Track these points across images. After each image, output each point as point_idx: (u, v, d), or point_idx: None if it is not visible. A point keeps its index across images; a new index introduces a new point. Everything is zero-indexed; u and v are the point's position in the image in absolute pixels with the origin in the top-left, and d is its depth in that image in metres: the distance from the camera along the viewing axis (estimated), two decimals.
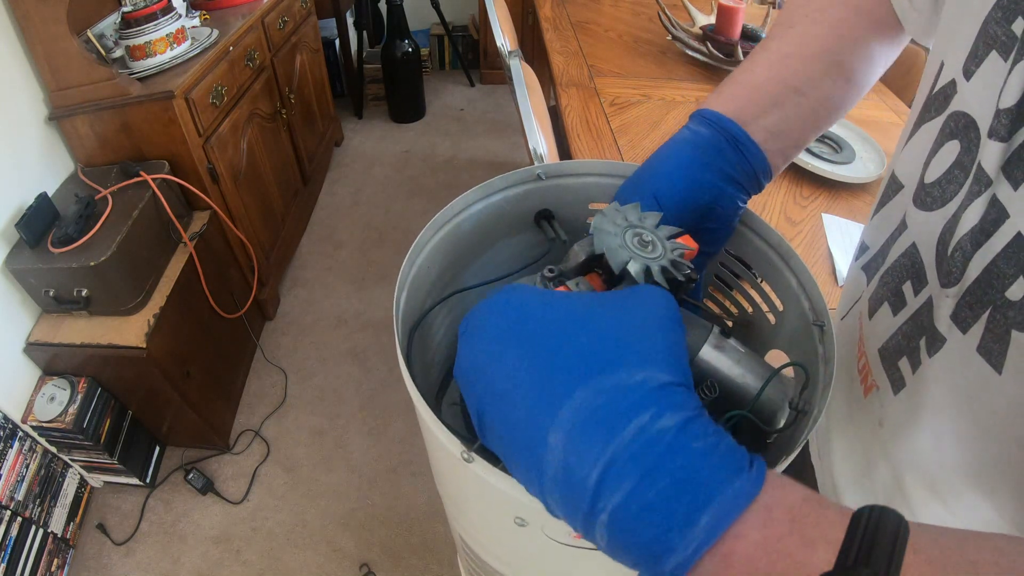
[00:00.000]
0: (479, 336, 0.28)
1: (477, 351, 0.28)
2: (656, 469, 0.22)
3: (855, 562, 0.19)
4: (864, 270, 0.46)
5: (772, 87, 0.45)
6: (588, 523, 0.23)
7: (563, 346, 0.25)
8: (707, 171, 0.42)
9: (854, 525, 0.21)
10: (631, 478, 0.22)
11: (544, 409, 0.24)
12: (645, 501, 0.22)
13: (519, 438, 0.25)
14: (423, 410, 0.34)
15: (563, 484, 0.23)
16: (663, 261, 0.35)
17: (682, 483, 0.22)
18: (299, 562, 1.44)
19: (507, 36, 1.41)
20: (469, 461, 0.31)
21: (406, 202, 2.56)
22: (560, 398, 0.24)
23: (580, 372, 0.24)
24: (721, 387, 0.38)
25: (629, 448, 0.22)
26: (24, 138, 1.31)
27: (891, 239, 0.41)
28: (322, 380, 1.84)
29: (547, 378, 0.24)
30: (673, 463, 0.22)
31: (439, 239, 0.48)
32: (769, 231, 0.46)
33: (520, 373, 0.25)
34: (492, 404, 0.26)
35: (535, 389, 0.25)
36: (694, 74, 1.52)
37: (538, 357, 0.25)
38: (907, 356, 0.37)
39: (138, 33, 1.39)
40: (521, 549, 0.41)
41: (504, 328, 0.27)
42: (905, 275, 0.38)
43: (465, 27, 3.41)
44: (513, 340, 0.27)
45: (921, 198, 0.37)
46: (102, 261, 1.20)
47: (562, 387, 0.24)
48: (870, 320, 0.42)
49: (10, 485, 1.27)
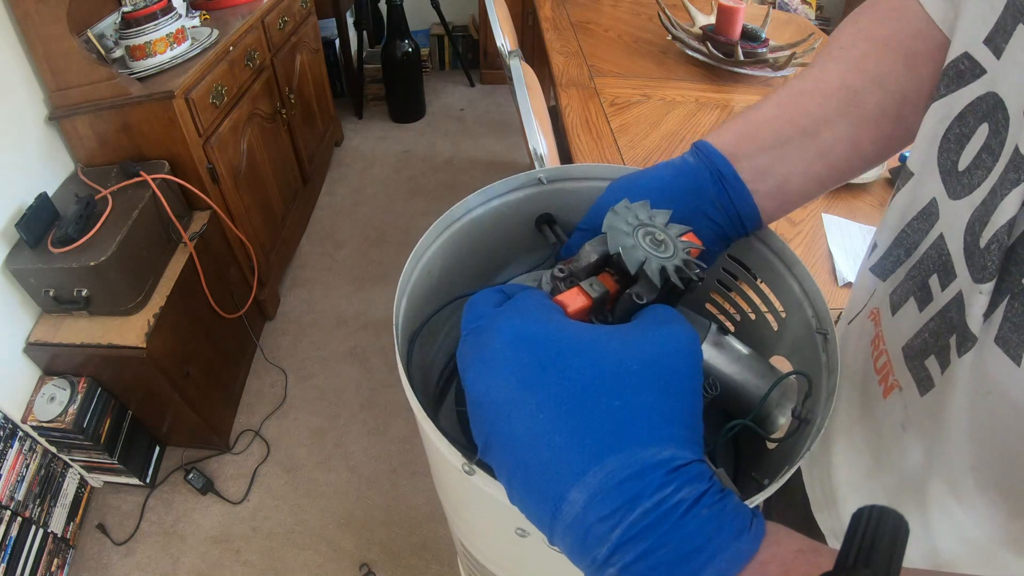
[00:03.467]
0: (498, 371, 0.28)
1: (494, 387, 0.28)
2: (669, 534, 0.24)
3: (855, 562, 0.19)
4: (873, 271, 0.43)
5: (777, 125, 0.42)
6: (596, 571, 0.25)
7: (595, 407, 0.26)
8: (682, 199, 0.40)
9: (854, 525, 0.21)
10: (647, 541, 0.24)
11: (571, 468, 0.25)
12: (656, 560, 0.24)
13: (536, 484, 0.26)
14: (424, 421, 0.34)
15: (579, 535, 0.25)
16: (677, 260, 0.35)
17: (691, 547, 0.24)
18: (299, 562, 1.44)
19: (507, 36, 1.41)
20: (470, 473, 0.31)
21: (406, 202, 2.56)
22: (589, 462, 0.25)
23: (612, 441, 0.25)
24: (721, 384, 0.38)
25: (649, 516, 0.24)
26: (24, 138, 1.31)
27: (915, 231, 0.38)
28: (322, 380, 1.84)
29: (577, 440, 0.25)
30: (684, 530, 0.24)
31: (439, 244, 0.48)
32: (772, 237, 0.45)
33: (547, 425, 0.26)
34: (507, 443, 0.27)
35: (562, 447, 0.25)
36: (694, 74, 1.51)
37: (568, 415, 0.26)
38: (935, 355, 0.35)
39: (138, 33, 1.39)
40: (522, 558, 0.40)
41: (527, 369, 0.27)
42: (932, 268, 0.36)
43: (465, 27, 3.40)
44: (539, 388, 0.27)
45: (952, 186, 0.34)
46: (102, 261, 1.20)
47: (593, 451, 0.25)
48: (893, 317, 0.40)
49: (10, 485, 1.27)
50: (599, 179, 0.51)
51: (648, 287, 0.34)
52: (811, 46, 1.52)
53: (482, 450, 0.28)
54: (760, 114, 0.43)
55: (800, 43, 1.53)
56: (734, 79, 1.49)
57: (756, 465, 0.46)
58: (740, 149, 0.41)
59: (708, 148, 0.41)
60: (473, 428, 0.29)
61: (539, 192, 0.51)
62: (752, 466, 0.47)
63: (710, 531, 0.24)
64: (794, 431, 0.37)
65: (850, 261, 0.99)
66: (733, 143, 0.42)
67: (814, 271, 0.98)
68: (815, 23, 2.26)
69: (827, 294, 0.93)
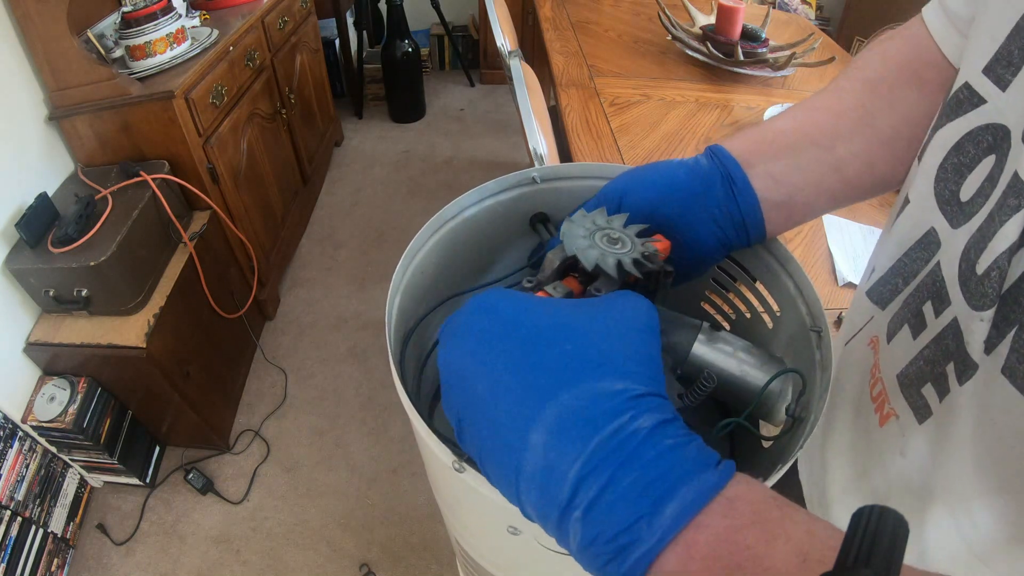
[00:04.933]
0: (461, 341, 0.29)
1: (459, 355, 0.28)
2: (629, 462, 0.23)
3: (855, 562, 0.19)
4: (870, 295, 0.43)
5: (792, 136, 0.42)
6: (563, 520, 0.24)
7: (548, 352, 0.26)
8: (691, 198, 0.41)
9: (854, 525, 0.20)
10: (607, 471, 0.23)
11: (527, 409, 0.25)
12: (618, 493, 0.23)
13: (499, 438, 0.26)
14: (415, 419, 0.34)
15: (542, 481, 0.24)
16: (634, 254, 0.36)
17: (652, 476, 0.23)
18: (299, 562, 1.45)
19: (507, 36, 1.41)
20: (460, 471, 0.31)
21: (406, 202, 2.56)
22: (544, 399, 0.25)
23: (565, 377, 0.25)
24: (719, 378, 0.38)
25: (607, 444, 0.23)
26: (24, 138, 1.31)
27: (914, 260, 0.38)
28: (322, 380, 1.84)
29: (531, 380, 0.26)
30: (645, 457, 0.23)
31: (433, 243, 0.48)
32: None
33: (504, 376, 0.26)
34: (473, 407, 0.27)
35: (519, 390, 0.25)
36: (694, 74, 1.51)
37: (523, 361, 0.26)
38: (932, 383, 0.35)
39: (138, 33, 1.39)
40: (516, 556, 0.40)
41: (487, 332, 0.28)
42: (926, 295, 0.36)
43: (465, 27, 3.40)
44: (497, 345, 0.27)
45: (954, 215, 0.34)
46: (102, 261, 1.20)
47: (547, 389, 0.25)
48: (888, 344, 0.40)
49: (10, 485, 1.27)
50: (593, 178, 0.51)
51: (607, 282, 0.35)
52: (811, 46, 1.52)
53: (457, 432, 0.28)
54: (776, 124, 0.44)
55: (800, 43, 1.53)
56: (734, 79, 1.49)
57: (751, 464, 0.46)
58: (754, 156, 0.41)
59: (722, 152, 0.42)
60: (447, 411, 0.29)
61: (533, 191, 0.51)
62: (747, 466, 0.46)
63: (673, 460, 0.23)
64: (788, 429, 0.37)
65: (850, 261, 0.99)
66: (748, 150, 0.42)
67: (814, 271, 0.98)
68: (815, 23, 2.25)
69: (827, 294, 0.94)
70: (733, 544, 0.22)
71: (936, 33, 0.41)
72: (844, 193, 0.43)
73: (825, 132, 0.42)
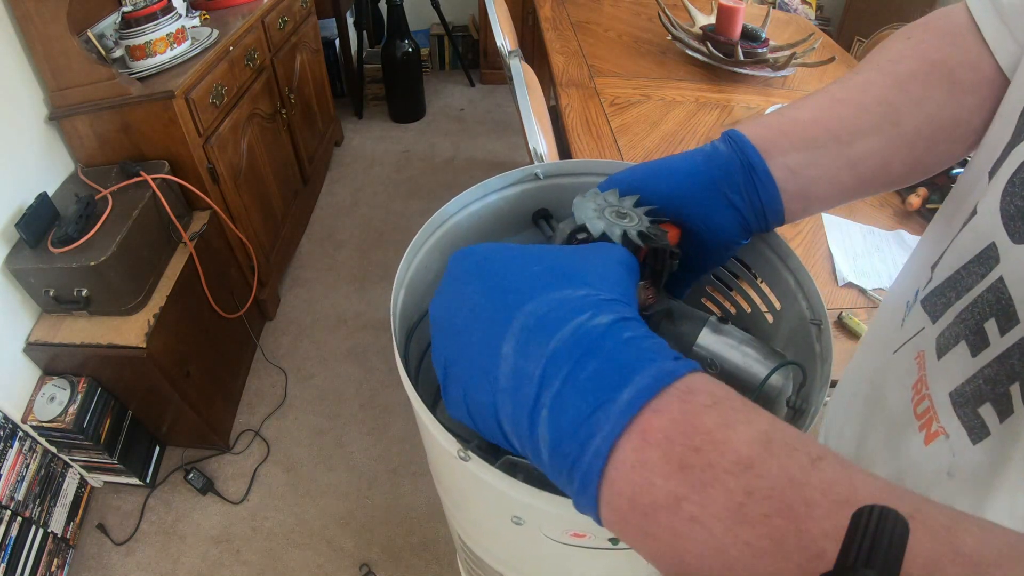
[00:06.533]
0: (443, 287, 0.30)
1: (440, 300, 0.30)
2: (587, 355, 0.23)
3: (855, 562, 0.19)
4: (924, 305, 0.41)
5: (812, 128, 0.41)
6: (533, 426, 0.24)
7: (518, 274, 0.28)
8: (710, 186, 0.40)
9: (854, 524, 0.20)
10: (567, 364, 0.23)
11: (497, 326, 0.26)
12: (577, 384, 0.23)
13: (476, 363, 0.26)
14: (420, 409, 0.34)
15: (513, 389, 0.24)
16: (640, 227, 0.37)
17: (609, 366, 0.23)
18: (299, 562, 1.44)
19: (507, 36, 1.42)
20: (466, 460, 0.32)
21: (406, 202, 2.56)
22: (512, 311, 0.26)
23: (532, 291, 0.26)
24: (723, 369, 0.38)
25: (567, 341, 0.24)
26: (24, 138, 1.31)
27: (970, 275, 0.36)
28: (322, 380, 1.84)
29: (501, 299, 0.27)
30: (602, 348, 0.23)
31: (436, 239, 0.48)
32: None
33: (479, 301, 0.27)
34: (454, 341, 0.28)
35: (490, 310, 0.27)
36: (694, 74, 1.52)
37: (495, 285, 0.28)
38: (992, 403, 0.34)
39: (138, 33, 1.39)
40: (518, 548, 0.41)
41: (465, 273, 0.29)
42: (988, 312, 0.34)
43: (465, 27, 3.41)
44: (473, 280, 0.28)
45: (1017, 230, 0.33)
46: (102, 261, 1.20)
47: (514, 303, 0.26)
48: (939, 361, 0.38)
49: (10, 485, 1.27)
50: (595, 174, 0.51)
51: None
52: (811, 46, 1.53)
53: (443, 381, 0.28)
54: (797, 114, 0.42)
55: (800, 43, 1.53)
56: (734, 79, 1.50)
57: None
58: (774, 145, 0.41)
59: (741, 138, 0.41)
60: (435, 364, 0.29)
61: (536, 188, 0.51)
62: None
63: (630, 351, 0.23)
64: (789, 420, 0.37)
65: (850, 261, 0.99)
66: (767, 138, 0.41)
67: (815, 271, 0.98)
68: (815, 23, 2.26)
69: (827, 294, 0.94)
70: (691, 427, 0.21)
71: (988, 33, 0.39)
72: (856, 189, 0.42)
73: (846, 126, 0.41)
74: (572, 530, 0.33)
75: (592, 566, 0.40)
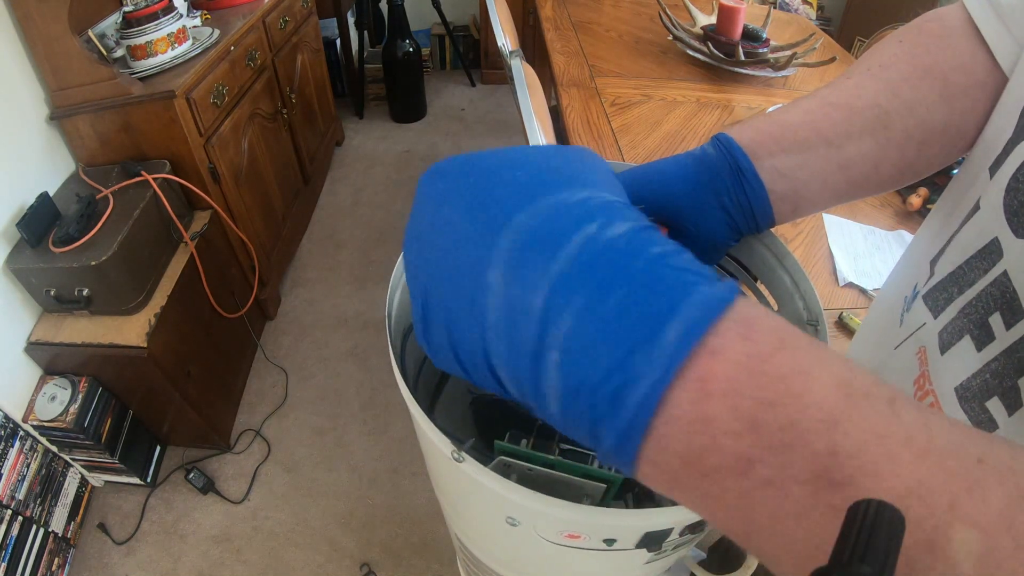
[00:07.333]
0: (416, 209, 0.25)
1: (414, 227, 0.25)
2: (610, 278, 0.18)
3: (851, 557, 0.18)
4: (926, 300, 0.41)
5: (802, 131, 0.41)
6: (537, 372, 0.19)
7: (500, 183, 0.22)
8: (699, 188, 0.40)
9: (850, 520, 0.20)
10: (582, 293, 0.19)
11: (481, 248, 0.21)
12: (600, 318, 0.18)
13: (458, 295, 0.21)
14: (415, 410, 0.34)
15: (507, 327, 0.20)
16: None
17: (641, 292, 0.18)
18: (300, 562, 1.45)
19: (508, 36, 1.41)
20: (460, 461, 0.31)
21: (407, 202, 2.56)
22: (497, 227, 0.21)
23: (517, 199, 0.21)
24: None
25: (576, 260, 0.19)
26: (25, 138, 1.31)
27: (973, 269, 0.37)
28: (323, 380, 1.84)
29: (482, 215, 0.21)
30: (629, 269, 0.19)
31: None
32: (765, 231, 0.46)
33: (456, 218, 0.22)
34: (433, 268, 0.23)
35: (471, 227, 0.21)
36: (695, 74, 1.51)
37: (474, 199, 0.22)
38: (999, 396, 0.34)
39: (139, 33, 1.39)
40: (515, 549, 0.41)
41: (441, 192, 0.24)
42: (993, 306, 0.34)
43: (466, 27, 3.41)
44: (451, 197, 0.23)
45: (1020, 224, 0.33)
46: (103, 261, 1.20)
47: (498, 216, 0.21)
48: (942, 356, 0.38)
49: (11, 484, 1.27)
50: None
51: None
52: (812, 46, 1.52)
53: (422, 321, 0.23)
54: (787, 117, 0.42)
55: (801, 43, 1.53)
56: (735, 79, 1.49)
57: None
58: (762, 148, 0.41)
59: (729, 142, 0.41)
60: (412, 298, 0.24)
61: None
62: None
63: (668, 273, 0.19)
64: None
65: (851, 261, 0.99)
66: (756, 141, 0.41)
67: (815, 271, 0.98)
68: (816, 23, 2.25)
69: (828, 294, 0.94)
70: (761, 374, 0.18)
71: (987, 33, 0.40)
72: (847, 191, 0.42)
73: (837, 129, 0.41)
74: (566, 531, 0.33)
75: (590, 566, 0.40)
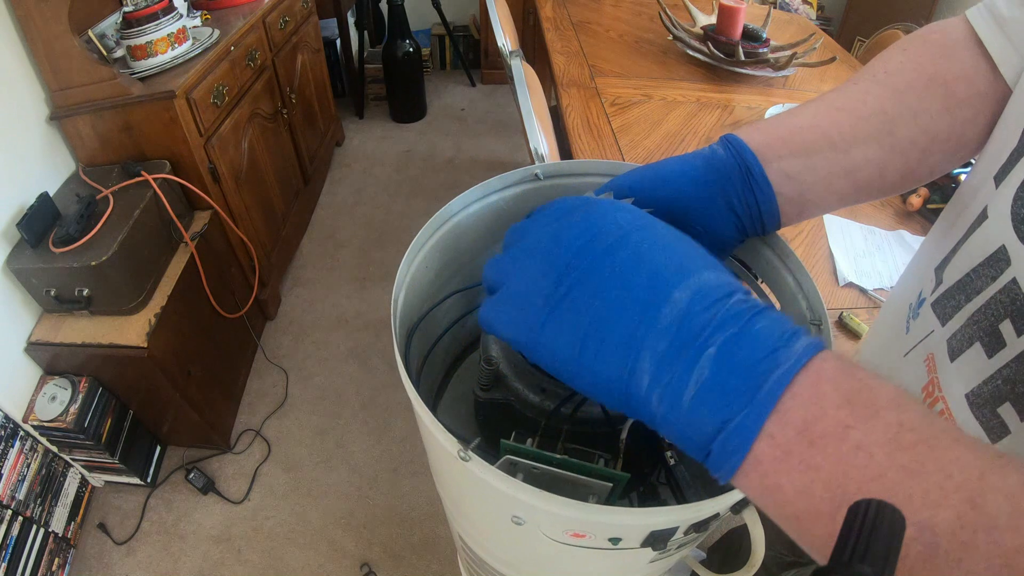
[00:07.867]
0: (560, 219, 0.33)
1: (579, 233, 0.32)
2: (759, 315, 0.27)
3: (851, 557, 0.19)
4: (935, 308, 0.42)
5: (809, 134, 0.42)
6: (690, 359, 0.27)
7: (673, 249, 0.31)
8: (708, 189, 0.41)
9: (850, 519, 0.20)
10: (743, 317, 0.27)
11: (674, 276, 0.29)
12: (751, 334, 0.26)
13: (638, 296, 0.29)
14: (420, 409, 0.34)
15: (683, 326, 0.28)
16: None
17: (775, 325, 0.27)
18: (300, 562, 1.45)
19: (508, 36, 1.42)
20: (466, 460, 0.31)
21: (407, 202, 2.56)
22: (688, 273, 0.29)
23: (696, 264, 0.30)
24: None
25: (739, 304, 0.27)
26: (25, 138, 1.31)
27: (980, 277, 0.37)
28: (323, 380, 1.84)
29: (676, 262, 0.30)
30: (768, 315, 0.27)
31: (437, 239, 0.48)
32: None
33: (652, 252, 0.30)
34: (608, 272, 0.30)
35: (665, 264, 0.30)
36: (695, 74, 1.52)
37: (663, 249, 0.31)
38: (1011, 402, 0.34)
39: (139, 33, 1.39)
40: (518, 548, 0.41)
41: (625, 222, 0.32)
42: (1003, 313, 0.35)
43: (466, 27, 3.41)
44: (633, 233, 0.31)
45: None
46: (103, 261, 1.20)
47: (690, 267, 0.29)
48: (952, 363, 0.39)
49: (11, 484, 1.27)
50: (596, 175, 0.51)
51: None
52: (812, 46, 1.53)
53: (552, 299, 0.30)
54: (795, 120, 0.43)
55: (801, 43, 1.53)
56: (735, 79, 1.50)
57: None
58: (770, 150, 0.41)
59: (739, 143, 0.41)
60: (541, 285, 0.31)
61: (536, 188, 0.51)
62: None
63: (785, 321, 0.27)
64: None
65: (851, 261, 0.99)
66: (764, 143, 0.41)
67: (815, 271, 0.98)
68: (816, 23, 2.26)
69: (828, 295, 0.94)
70: (851, 374, 0.25)
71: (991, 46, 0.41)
72: (852, 196, 0.43)
73: (844, 135, 0.42)
74: (572, 530, 0.33)
75: (593, 566, 0.40)
